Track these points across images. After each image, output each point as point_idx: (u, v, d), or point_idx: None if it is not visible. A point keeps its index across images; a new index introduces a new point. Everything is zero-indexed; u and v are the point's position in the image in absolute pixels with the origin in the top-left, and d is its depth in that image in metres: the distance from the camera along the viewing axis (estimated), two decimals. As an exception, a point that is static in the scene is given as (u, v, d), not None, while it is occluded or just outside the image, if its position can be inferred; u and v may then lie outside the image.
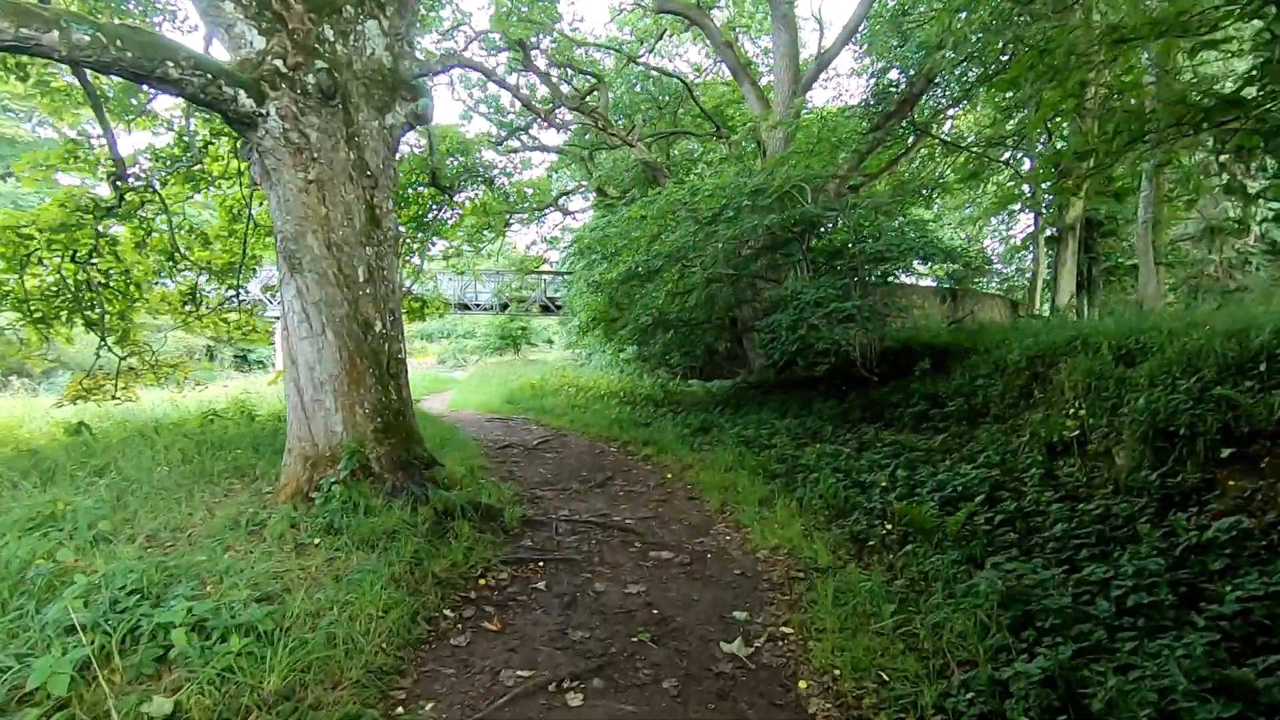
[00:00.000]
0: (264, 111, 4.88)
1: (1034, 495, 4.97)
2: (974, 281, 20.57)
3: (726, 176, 11.57)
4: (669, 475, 6.97)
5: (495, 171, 11.43)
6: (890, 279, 9.95)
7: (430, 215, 12.01)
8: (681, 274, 12.24)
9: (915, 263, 11.40)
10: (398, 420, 5.38)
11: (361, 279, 5.24)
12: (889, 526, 4.84)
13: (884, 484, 5.71)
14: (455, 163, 10.90)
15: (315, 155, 5.08)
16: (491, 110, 19.97)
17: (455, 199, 11.15)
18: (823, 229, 11.08)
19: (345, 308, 5.12)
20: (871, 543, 4.66)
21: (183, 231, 9.61)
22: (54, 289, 9.46)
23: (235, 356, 31.22)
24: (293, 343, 5.32)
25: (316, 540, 4.14)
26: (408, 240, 11.18)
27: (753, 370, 15.05)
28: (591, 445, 8.84)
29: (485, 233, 22.75)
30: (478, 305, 27.08)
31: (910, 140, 15.49)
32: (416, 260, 12.30)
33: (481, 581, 4.06)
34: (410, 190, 10.78)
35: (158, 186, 8.72)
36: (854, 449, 7.17)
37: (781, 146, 13.80)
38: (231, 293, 10.43)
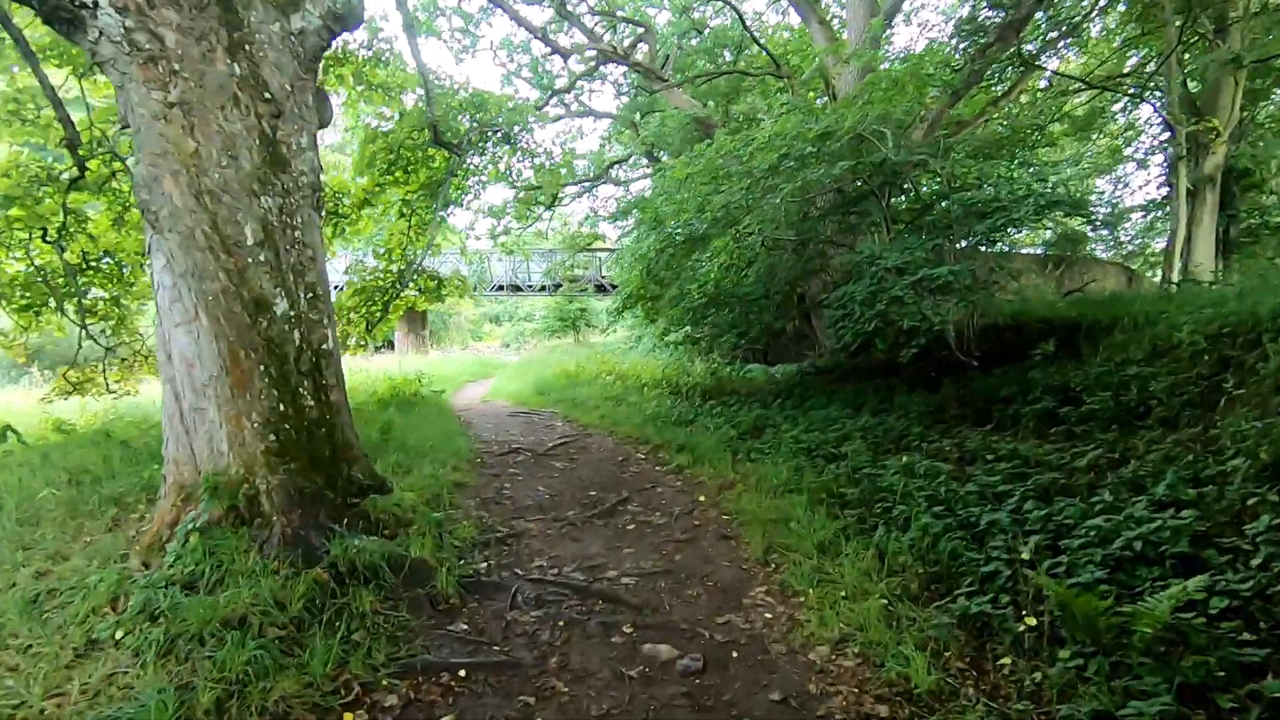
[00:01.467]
0: (91, 1, 3.44)
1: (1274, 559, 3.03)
2: (1090, 246, 17.67)
3: (788, 122, 9.61)
4: (702, 498, 5.28)
5: (518, 129, 9.86)
6: (996, 239, 7.82)
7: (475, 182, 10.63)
8: (736, 241, 10.43)
9: (1028, 219, 9.18)
10: (309, 436, 3.91)
11: (251, 241, 3.76)
12: (1025, 614, 3.02)
13: (1007, 526, 3.84)
14: (468, 123, 9.40)
15: (177, 68, 3.61)
16: (533, 73, 18.50)
17: (472, 160, 9.67)
18: (907, 181, 9.03)
19: (222, 281, 3.66)
20: (999, 646, 2.87)
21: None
22: (38, 274, 8.61)
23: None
24: (166, 330, 3.93)
25: (120, 634, 2.71)
26: (417, 211, 9.83)
27: (822, 352, 13.13)
28: (616, 449, 7.23)
29: (535, 208, 21.51)
30: (530, 286, 25.87)
31: (1012, 80, 12.94)
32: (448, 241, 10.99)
33: None
34: (418, 151, 9.37)
35: (119, 153, 7.62)
36: (955, 464, 5.27)
37: (854, 86, 11.70)
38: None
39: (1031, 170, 9.25)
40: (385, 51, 8.99)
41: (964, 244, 8.26)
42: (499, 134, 9.52)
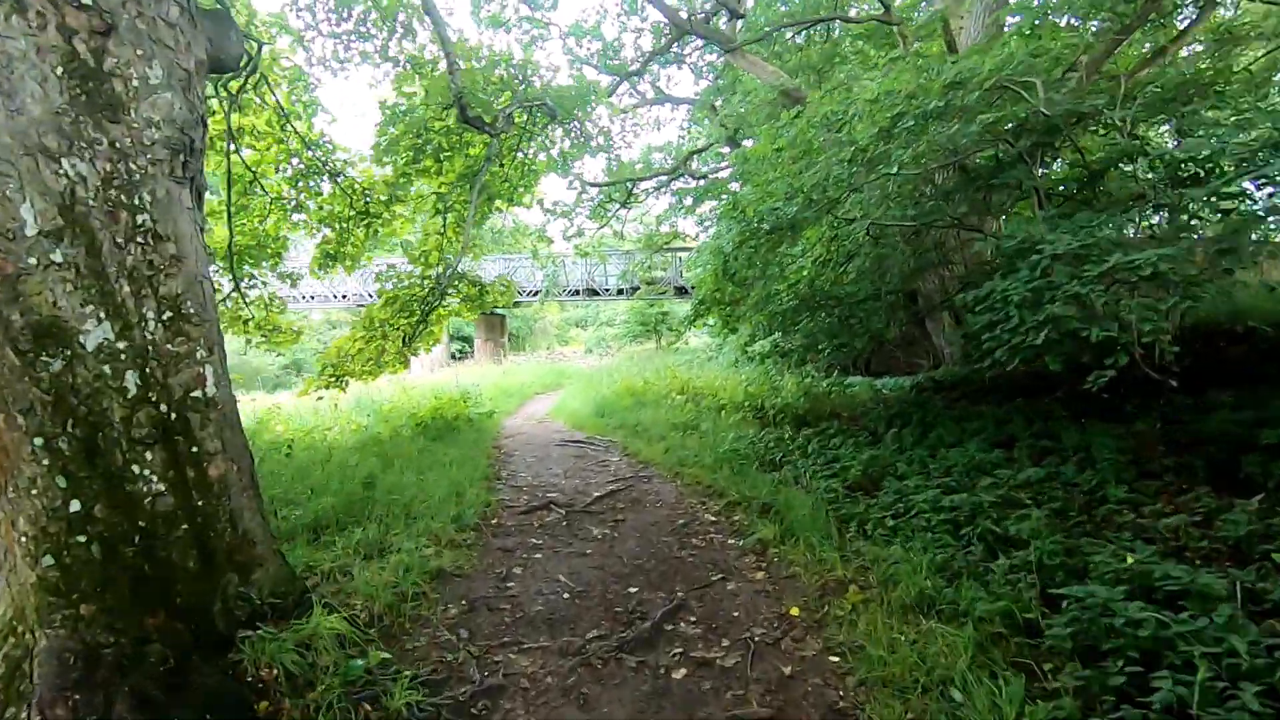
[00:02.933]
0: None
1: None
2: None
3: (901, 78, 7.53)
4: (795, 610, 3.43)
5: (578, 111, 8.31)
6: (1230, 207, 5.51)
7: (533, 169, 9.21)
8: (834, 230, 8.45)
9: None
10: (148, 544, 2.40)
11: (33, 230, 2.29)
12: None
13: None
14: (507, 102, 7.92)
15: (-99, -57, 2.18)
16: (602, 59, 17.03)
17: (504, 137, 8.16)
18: (1067, 141, 6.82)
19: (-30, 295, 2.20)
20: None
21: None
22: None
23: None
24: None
25: None
26: (454, 207, 8.43)
27: (941, 361, 10.87)
28: (677, 505, 5.46)
29: (610, 206, 20.06)
30: (606, 290, 24.46)
31: (1192, 15, 10.16)
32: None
33: None
34: (451, 135, 7.96)
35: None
36: (1216, 563, 3.21)
37: (981, 35, 9.46)
38: (244, 283, 8.31)
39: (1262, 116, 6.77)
40: None
41: (1157, 220, 6.07)
42: (545, 110, 7.97)
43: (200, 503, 2.65)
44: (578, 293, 24.89)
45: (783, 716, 2.60)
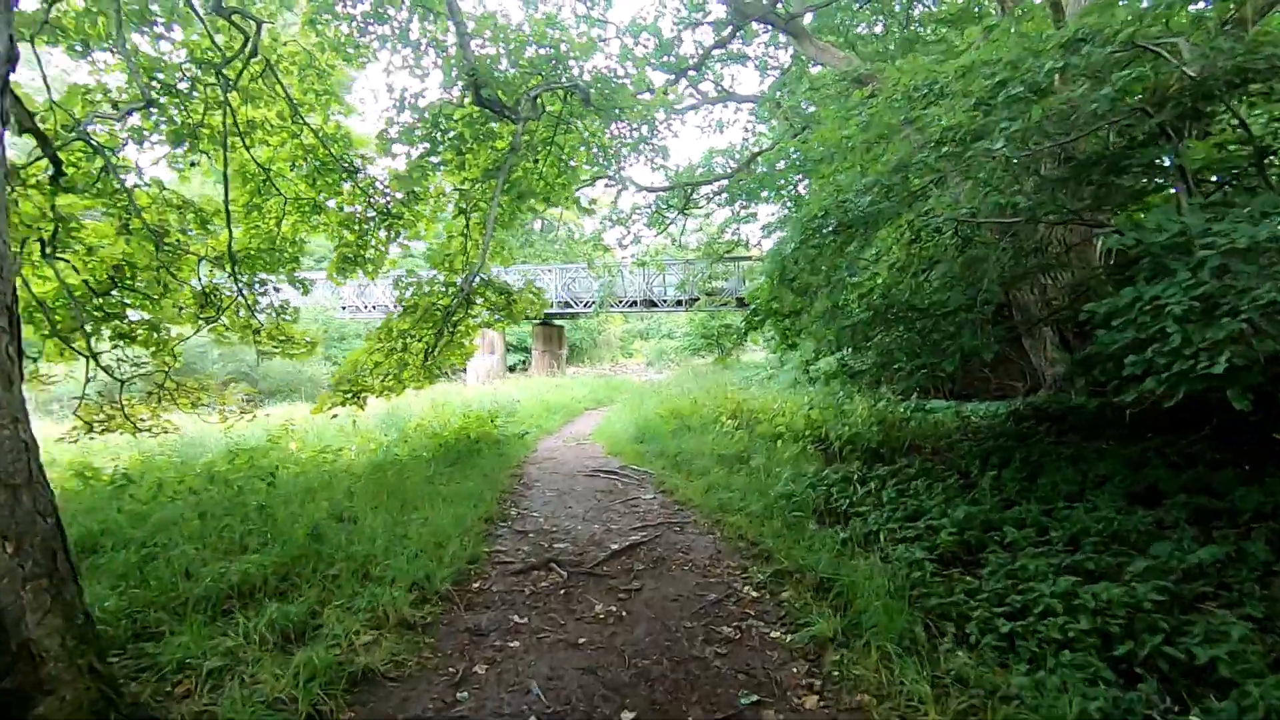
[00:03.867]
0: None
1: None
2: None
3: (999, 46, 6.16)
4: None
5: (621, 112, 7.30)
6: None
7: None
8: (915, 232, 7.18)
9: None
10: None
11: None
12: None
13: None
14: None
15: None
16: (657, 56, 16.08)
17: (533, 126, 7.24)
18: (1226, 108, 5.37)
19: None
20: None
21: (172, 207, 6.94)
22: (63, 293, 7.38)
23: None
24: None
25: None
26: (480, 205, 7.56)
27: (1040, 384, 9.33)
28: (710, 571, 4.27)
29: (668, 213, 19.06)
30: (664, 301, 23.42)
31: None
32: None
33: None
34: (473, 125, 7.09)
35: (97, 141, 6.03)
36: None
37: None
38: (252, 290, 7.67)
39: None
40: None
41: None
42: (580, 94, 7.00)
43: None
44: (635, 304, 23.93)
45: None
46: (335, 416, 8.00)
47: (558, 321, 29.04)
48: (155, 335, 7.89)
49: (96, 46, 6.12)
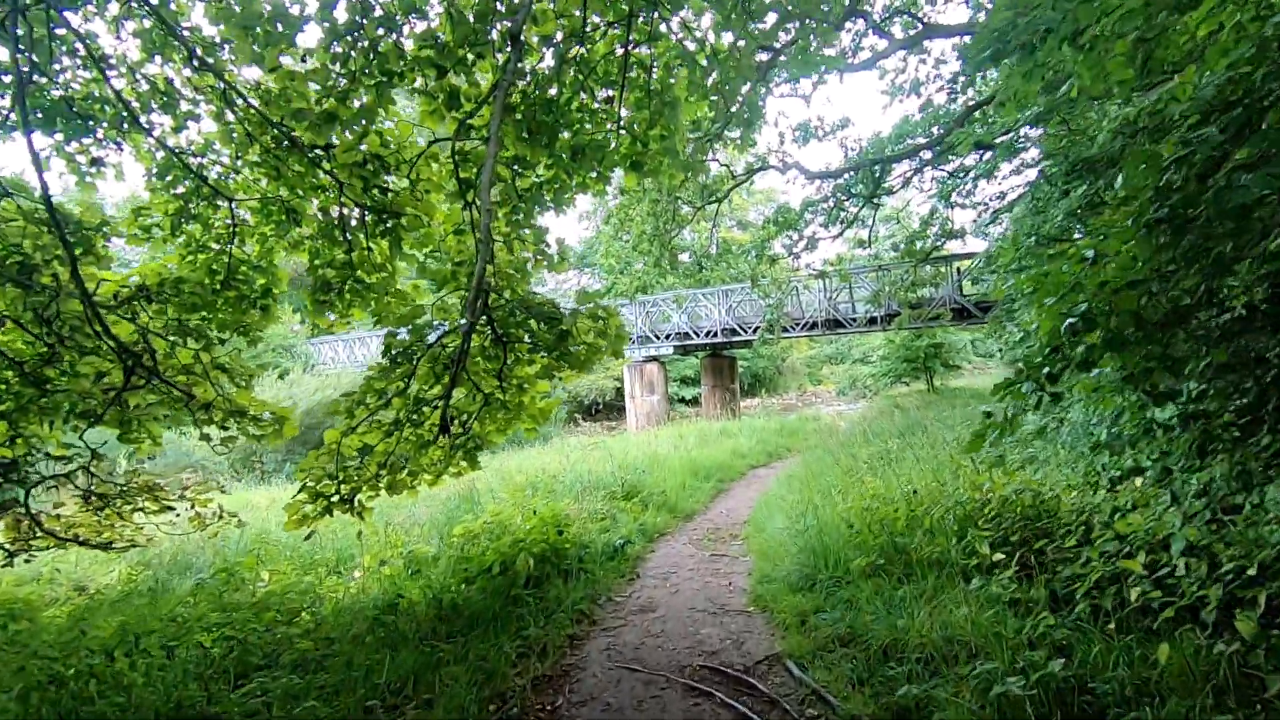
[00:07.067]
0: None
1: None
2: None
3: None
4: None
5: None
6: None
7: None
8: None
9: None
10: None
11: None
12: None
13: None
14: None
15: None
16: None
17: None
18: None
19: None
20: None
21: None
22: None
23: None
24: None
25: None
26: (512, 200, 4.31)
27: None
28: None
29: (849, 204, 14.79)
30: (853, 320, 18.76)
31: None
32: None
33: None
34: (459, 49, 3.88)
35: None
36: None
37: None
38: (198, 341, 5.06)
39: None
40: None
41: None
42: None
43: None
44: (815, 325, 19.49)
45: None
46: (310, 536, 5.07)
47: (727, 352, 25.38)
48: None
49: None
